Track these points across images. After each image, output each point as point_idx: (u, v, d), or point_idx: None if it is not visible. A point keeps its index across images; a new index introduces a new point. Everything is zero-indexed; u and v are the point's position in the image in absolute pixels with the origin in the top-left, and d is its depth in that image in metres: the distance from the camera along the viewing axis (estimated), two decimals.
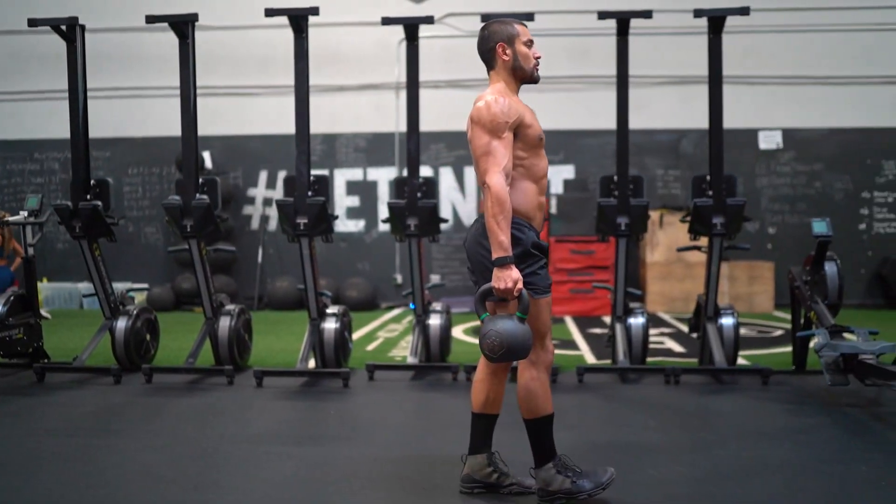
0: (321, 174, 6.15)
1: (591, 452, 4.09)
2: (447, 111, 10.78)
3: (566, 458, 3.47)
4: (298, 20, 5.87)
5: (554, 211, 9.95)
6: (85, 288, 10.25)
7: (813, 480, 3.81)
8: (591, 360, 6.96)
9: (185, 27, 5.94)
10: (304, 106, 5.99)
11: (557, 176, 10.53)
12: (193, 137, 6.07)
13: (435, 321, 6.34)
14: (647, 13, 5.87)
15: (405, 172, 6.24)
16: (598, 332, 8.43)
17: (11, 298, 6.13)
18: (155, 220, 11.08)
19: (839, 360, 5.09)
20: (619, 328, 6.19)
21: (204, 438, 4.58)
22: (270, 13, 5.85)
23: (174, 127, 6.29)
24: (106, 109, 10.81)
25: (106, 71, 10.71)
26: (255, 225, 11.04)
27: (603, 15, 5.91)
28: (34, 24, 6.01)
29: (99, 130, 10.81)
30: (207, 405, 5.39)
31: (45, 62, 10.49)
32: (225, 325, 6.19)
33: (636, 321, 6.19)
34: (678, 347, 7.57)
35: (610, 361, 6.42)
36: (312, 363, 6.30)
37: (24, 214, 6.31)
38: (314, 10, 5.80)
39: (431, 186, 6.23)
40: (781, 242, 10.57)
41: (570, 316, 9.71)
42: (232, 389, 5.77)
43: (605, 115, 6.41)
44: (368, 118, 10.91)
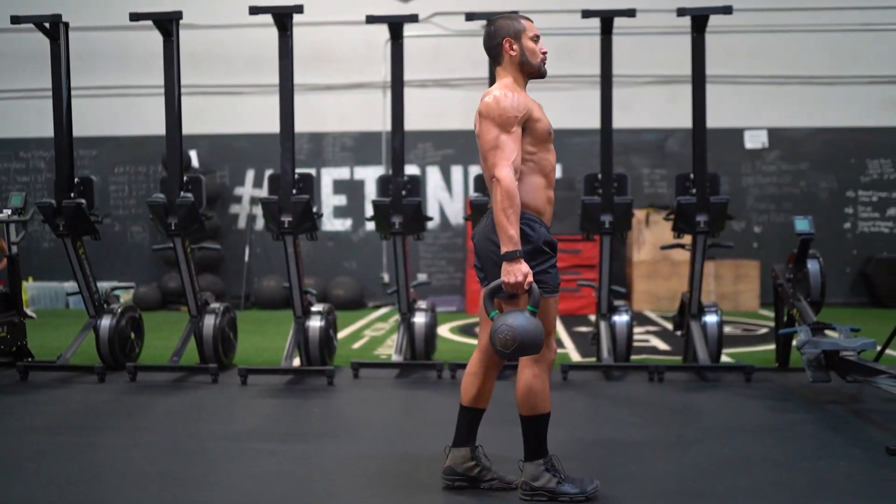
0: (306, 172, 6.15)
1: (573, 449, 4.11)
2: (434, 110, 10.80)
3: (556, 459, 3.49)
4: (283, 18, 5.87)
5: None
6: (70, 287, 10.22)
7: (793, 475, 3.84)
8: (576, 357, 6.98)
9: (169, 25, 5.93)
10: (288, 104, 5.99)
11: None
12: (178, 136, 6.06)
13: (420, 319, 6.35)
14: (630, 12, 5.89)
15: (389, 172, 6.25)
16: (584, 330, 8.46)
17: None
18: (141, 218, 11.06)
19: (821, 356, 5.13)
20: (603, 326, 6.21)
21: (187, 436, 4.58)
22: (255, 11, 5.85)
23: (161, 126, 6.26)
24: (93, 108, 10.78)
25: (93, 69, 10.69)
26: (242, 224, 11.03)
27: (587, 14, 5.93)
28: (17, 21, 6.00)
29: (85, 129, 10.81)
30: (191, 403, 5.39)
31: (30, 60, 10.45)
32: (209, 323, 6.19)
33: (620, 319, 6.22)
34: (663, 345, 7.60)
35: (595, 359, 6.44)
36: (297, 361, 6.30)
37: (7, 213, 6.29)
38: (298, 7, 5.80)
39: (416, 185, 6.24)
40: (767, 241, 10.62)
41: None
42: (216, 387, 5.77)
43: (591, 114, 6.43)
44: (356, 117, 10.91)
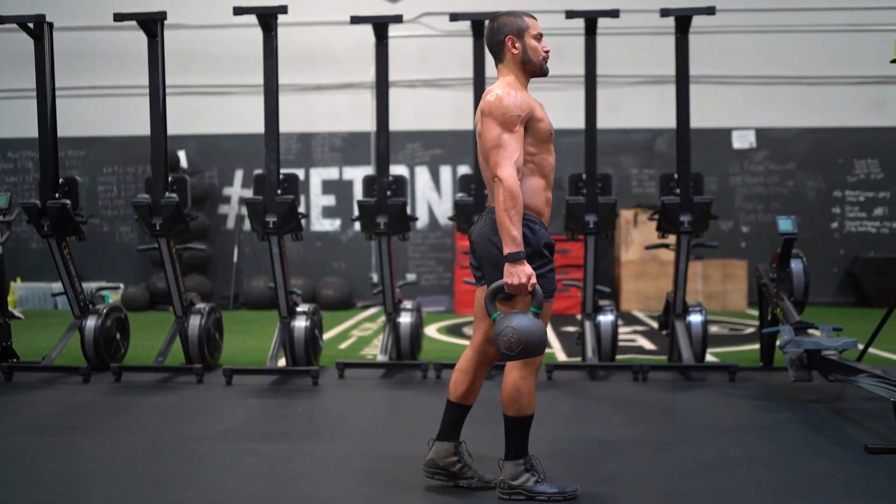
0: (291, 173, 6.16)
1: (554, 448, 4.12)
2: (423, 110, 10.82)
3: (536, 459, 3.49)
4: (268, 19, 5.87)
5: None
6: (56, 287, 10.18)
7: (772, 474, 3.85)
8: (562, 357, 7.00)
9: (153, 26, 5.93)
10: (273, 104, 5.99)
11: None
12: (162, 136, 6.06)
13: (405, 319, 6.36)
14: (614, 12, 5.91)
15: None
16: (571, 329, 8.47)
17: None
18: (130, 219, 11.03)
19: (803, 356, 5.15)
20: (588, 326, 6.23)
21: (169, 436, 4.58)
22: (239, 11, 5.85)
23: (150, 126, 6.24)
24: (81, 108, 10.78)
25: (81, 69, 10.69)
26: (230, 224, 11.02)
27: (571, 14, 5.94)
28: (1, 21, 5.98)
29: (74, 129, 10.81)
30: (175, 403, 5.39)
31: (17, 60, 10.40)
32: (195, 323, 6.18)
33: (605, 318, 6.23)
34: (649, 345, 7.62)
35: (580, 359, 6.45)
36: (283, 361, 6.30)
37: None
38: (283, 8, 5.80)
39: (401, 185, 6.25)
40: (755, 241, 10.65)
41: None
42: (201, 388, 5.76)
43: (580, 114, 6.45)
44: (345, 117, 10.92)
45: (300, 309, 6.23)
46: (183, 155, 10.73)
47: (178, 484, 3.72)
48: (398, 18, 6.08)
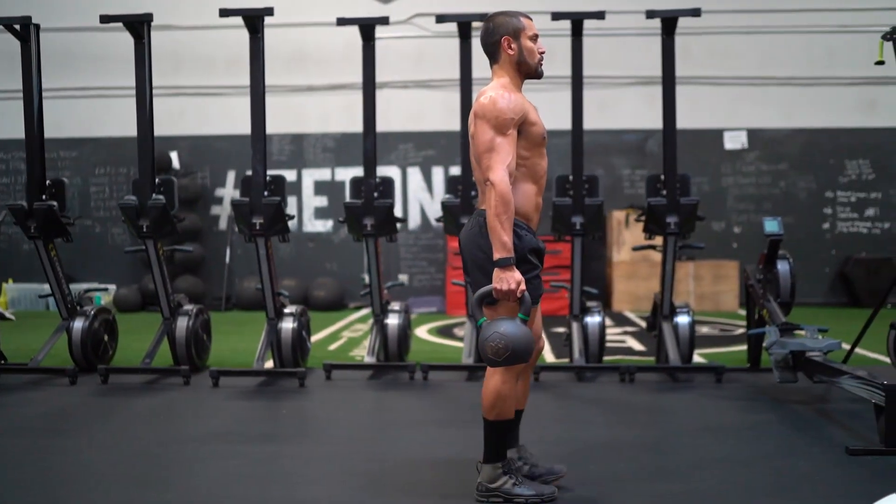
0: (278, 174, 6.16)
1: (537, 449, 4.11)
2: (415, 111, 10.82)
3: (514, 461, 3.49)
4: (254, 21, 5.88)
5: None
6: (43, 289, 10.16)
7: (753, 476, 3.85)
8: (550, 358, 7.00)
9: (140, 27, 5.93)
10: (259, 106, 6.00)
11: None
12: (149, 137, 6.07)
13: (393, 321, 6.36)
14: (599, 14, 5.92)
15: None
16: (560, 331, 8.47)
17: None
18: (122, 220, 11.00)
19: (788, 357, 5.16)
20: (575, 327, 6.23)
21: (153, 438, 4.58)
22: (225, 13, 5.85)
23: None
24: (73, 109, 10.80)
25: (73, 70, 10.69)
26: (222, 225, 11.02)
27: (556, 16, 5.95)
28: None
29: (66, 130, 10.83)
30: (161, 405, 5.39)
31: (8, 61, 10.40)
32: (182, 325, 6.18)
33: (593, 320, 6.24)
34: (639, 346, 7.63)
35: (567, 360, 6.45)
36: (271, 363, 6.30)
37: None
38: (269, 10, 5.81)
39: (388, 186, 6.25)
40: (747, 242, 10.65)
41: None
42: (188, 389, 5.76)
43: (570, 115, 6.47)
44: (337, 118, 10.91)
45: (288, 310, 6.23)
46: (175, 156, 10.73)
47: (158, 486, 3.72)
48: (384, 20, 6.08)
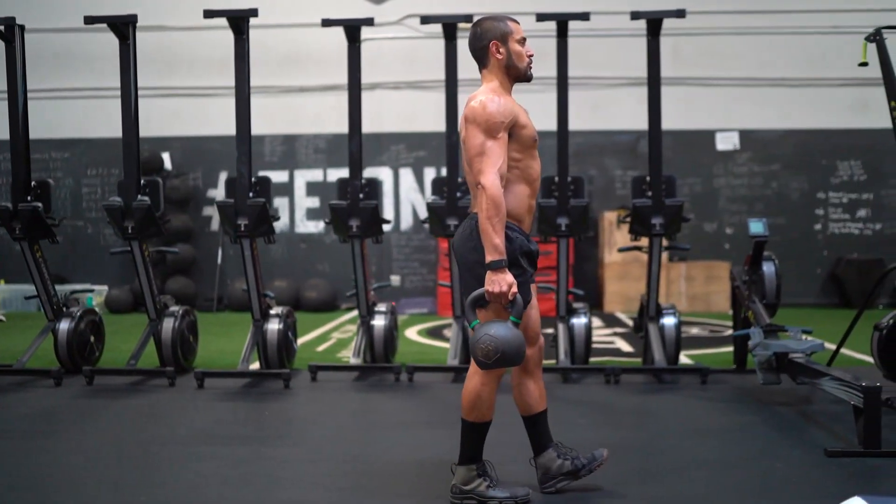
0: (263, 175, 6.16)
1: (515, 452, 4.11)
2: (407, 112, 10.81)
3: (489, 464, 3.49)
4: (238, 22, 5.87)
5: None
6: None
7: (732, 478, 3.85)
8: None
9: (125, 29, 5.93)
10: (244, 107, 5.99)
11: None
12: (134, 139, 6.05)
13: (379, 322, 6.36)
14: (584, 15, 5.92)
15: (365, 173, 6.26)
16: (548, 331, 8.45)
17: None
18: None
19: (771, 358, 5.15)
20: (561, 328, 6.23)
21: (134, 440, 4.57)
22: (209, 15, 5.85)
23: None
24: (65, 110, 10.79)
25: (65, 71, 10.69)
26: (214, 226, 11.01)
27: (541, 17, 5.95)
28: None
29: (58, 131, 10.83)
30: (144, 407, 5.38)
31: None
32: (168, 326, 6.17)
33: (579, 321, 6.23)
34: (627, 347, 7.62)
35: (553, 361, 6.44)
36: (257, 364, 6.30)
37: None
38: (253, 11, 5.80)
39: (374, 187, 6.25)
40: (739, 242, 10.64)
41: None
42: (173, 391, 5.76)
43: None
44: (329, 119, 10.90)
45: (273, 312, 6.22)
46: (167, 157, 10.72)
47: (131, 489, 3.71)
48: (369, 21, 6.08)
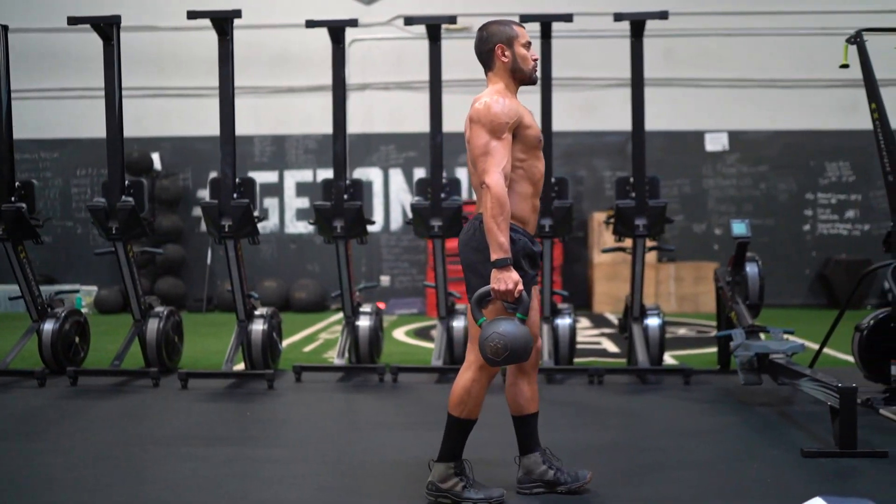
0: (248, 177, 6.17)
1: (494, 453, 4.11)
2: (397, 113, 10.83)
3: (468, 463, 3.51)
4: (222, 23, 5.88)
5: None
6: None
7: (708, 479, 3.86)
8: None
9: (109, 29, 5.93)
10: (228, 108, 6.01)
11: None
12: (118, 139, 6.06)
13: (364, 322, 6.36)
14: (567, 17, 5.94)
15: (353, 174, 6.26)
16: None
17: None
18: None
19: (753, 359, 5.17)
20: (545, 329, 6.23)
21: (114, 440, 4.58)
22: (193, 16, 5.86)
23: (125, 128, 6.21)
24: (54, 110, 10.79)
25: (54, 71, 10.69)
26: (204, 226, 10.99)
27: (525, 18, 5.96)
28: None
29: (47, 131, 10.83)
30: (127, 407, 5.38)
31: None
32: (153, 327, 6.18)
33: (563, 322, 6.25)
34: (613, 348, 7.64)
35: None
36: (242, 365, 6.30)
37: None
38: (236, 12, 5.81)
39: (358, 188, 6.26)
40: (728, 243, 10.62)
41: None
42: (156, 392, 5.76)
43: (556, 117, 6.49)
44: (318, 119, 10.85)
45: (258, 312, 6.23)
46: (157, 157, 10.72)
47: (108, 490, 3.71)
48: (353, 22, 6.09)
